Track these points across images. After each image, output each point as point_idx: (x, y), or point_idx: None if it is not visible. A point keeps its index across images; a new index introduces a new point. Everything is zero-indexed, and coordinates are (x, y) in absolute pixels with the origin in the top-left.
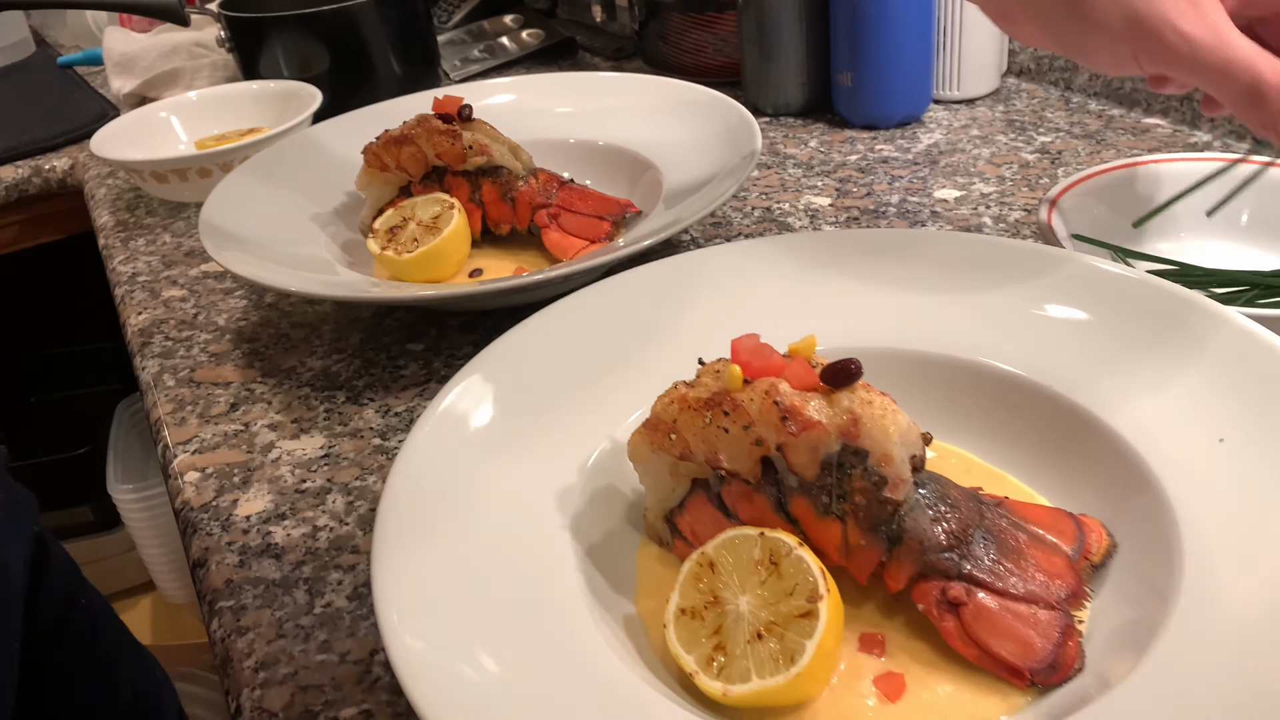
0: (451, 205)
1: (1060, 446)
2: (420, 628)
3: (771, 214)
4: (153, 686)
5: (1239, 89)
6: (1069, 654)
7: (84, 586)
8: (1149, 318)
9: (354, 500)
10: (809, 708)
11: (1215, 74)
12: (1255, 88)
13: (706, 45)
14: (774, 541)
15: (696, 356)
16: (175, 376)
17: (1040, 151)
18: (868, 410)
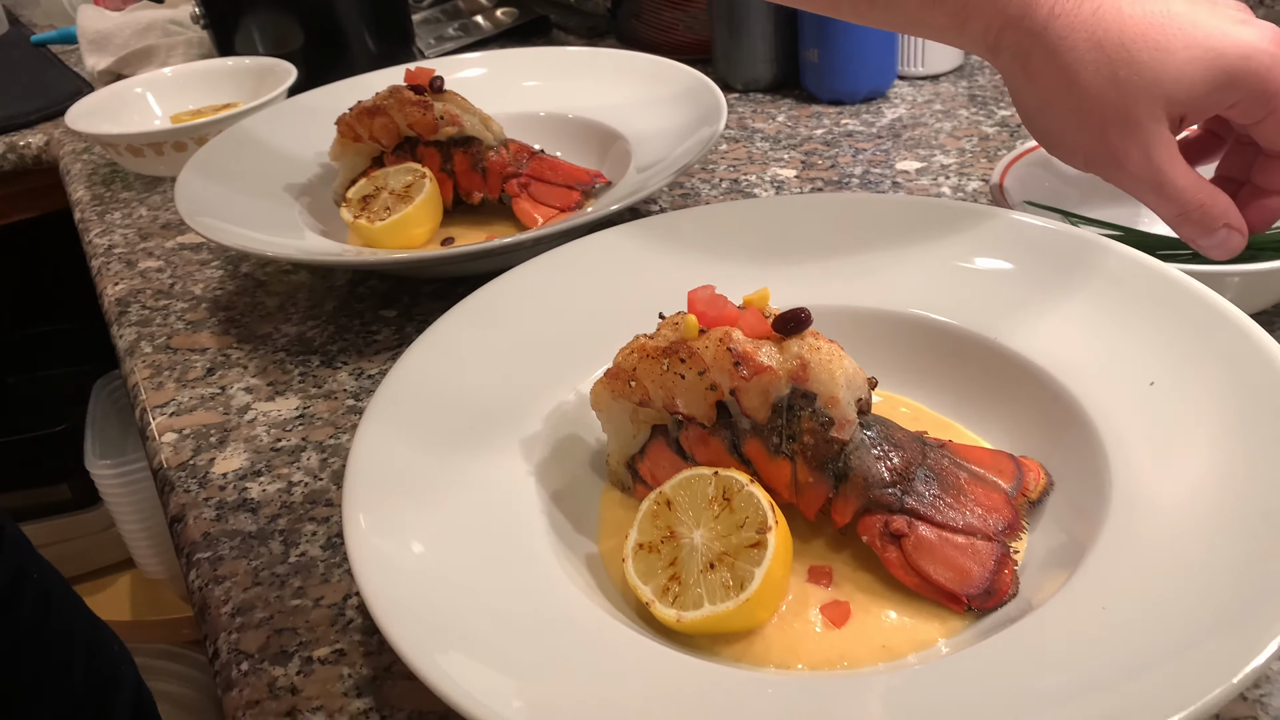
0: (423, 174)
1: (1002, 393)
2: (389, 561)
3: (739, 185)
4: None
5: (1170, 215)
6: (1004, 581)
7: (36, 562)
8: (1085, 270)
9: (328, 457)
10: (759, 633)
11: (1152, 201)
12: (1182, 214)
13: (678, 23)
14: (727, 479)
15: (658, 313)
16: (152, 344)
17: (1000, 125)
18: (816, 356)
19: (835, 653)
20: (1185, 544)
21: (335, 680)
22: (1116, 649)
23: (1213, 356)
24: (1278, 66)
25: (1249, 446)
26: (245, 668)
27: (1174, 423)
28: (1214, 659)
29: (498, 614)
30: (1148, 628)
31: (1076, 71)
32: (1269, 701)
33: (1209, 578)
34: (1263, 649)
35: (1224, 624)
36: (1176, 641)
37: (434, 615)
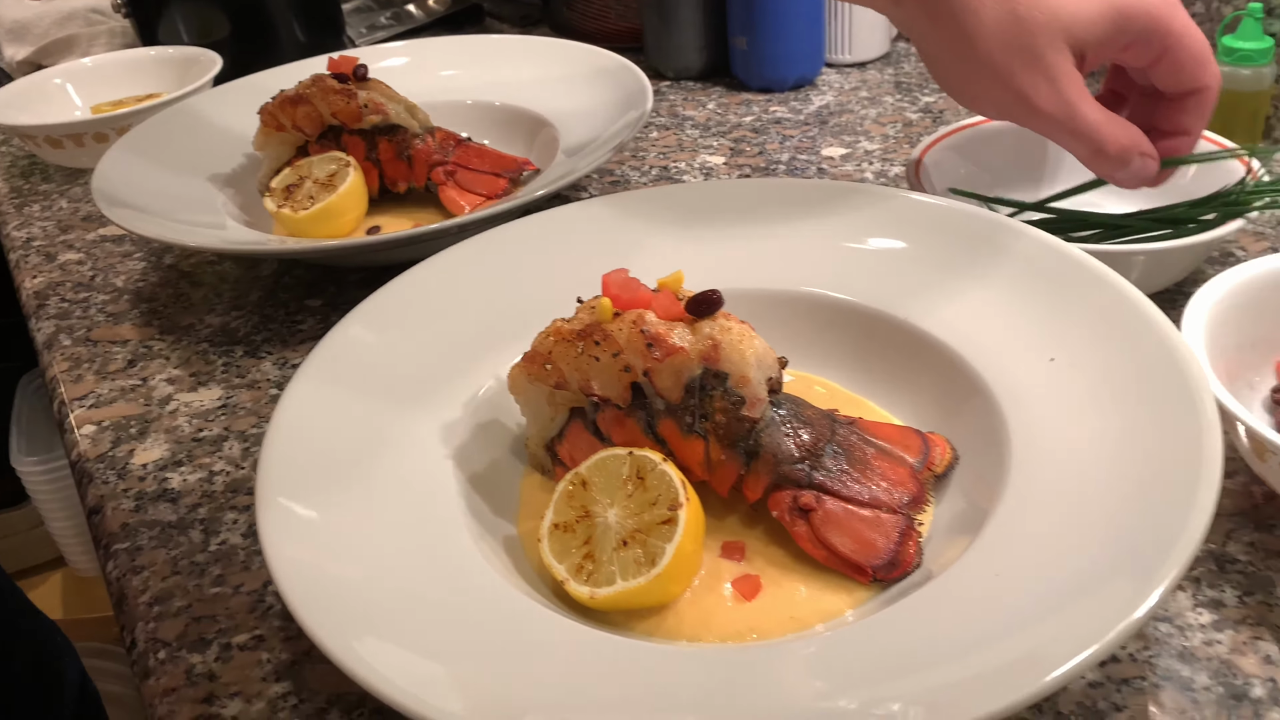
0: (347, 163)
1: (911, 371)
2: (303, 546)
3: (668, 172)
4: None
5: (1084, 152)
6: (908, 552)
7: None
8: (992, 251)
9: (250, 446)
10: (672, 608)
11: (1066, 140)
12: (1098, 150)
13: (609, 11)
14: (641, 459)
15: (576, 298)
16: (71, 336)
17: (924, 111)
18: (727, 336)
19: (745, 625)
20: (1078, 506)
21: (254, 665)
22: (1014, 604)
23: (1109, 333)
24: (1166, 3)
25: (1139, 417)
26: (163, 656)
27: (1071, 396)
28: (1108, 605)
29: (413, 597)
30: (1044, 582)
31: (978, 12)
32: (1156, 662)
33: (1100, 535)
34: (1151, 594)
35: (1116, 573)
36: (1073, 591)
37: (348, 600)
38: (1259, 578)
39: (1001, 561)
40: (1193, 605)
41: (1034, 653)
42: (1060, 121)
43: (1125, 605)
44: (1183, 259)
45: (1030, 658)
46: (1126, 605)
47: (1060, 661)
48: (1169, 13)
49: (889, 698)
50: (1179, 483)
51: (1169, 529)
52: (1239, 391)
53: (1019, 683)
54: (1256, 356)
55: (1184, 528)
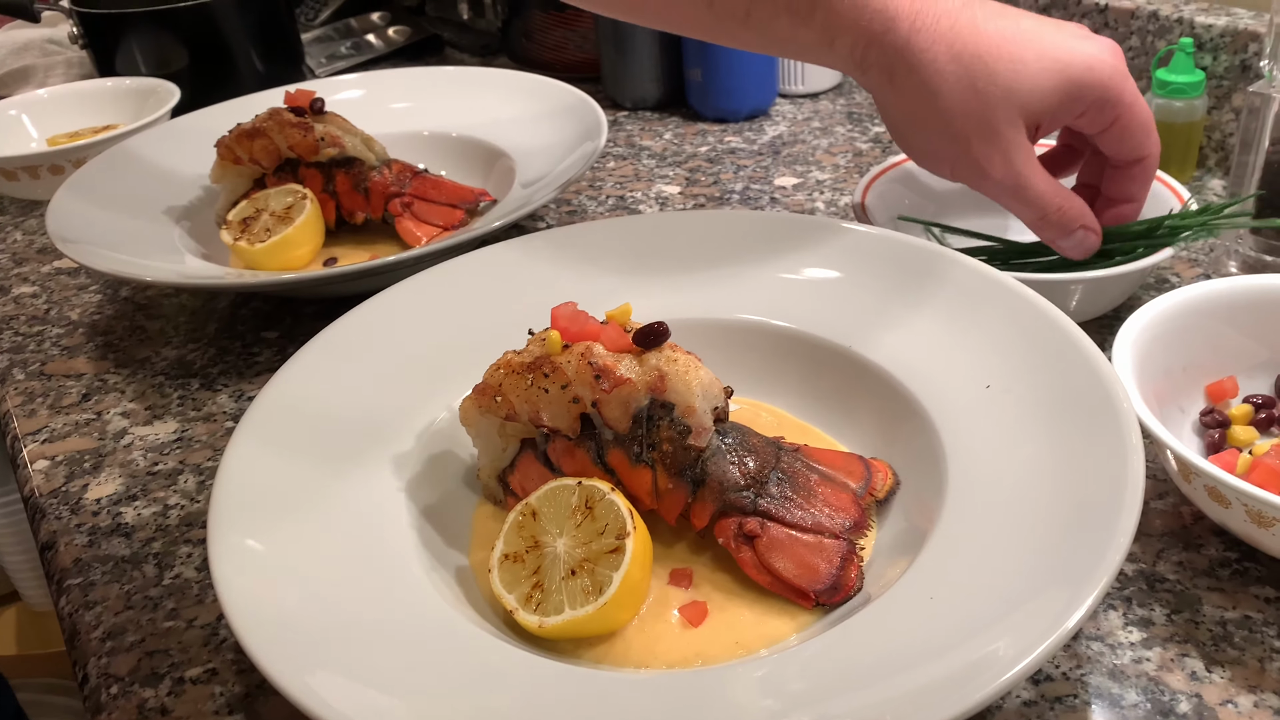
0: (304, 195)
1: (855, 398)
2: (252, 578)
3: (624, 202)
4: None
5: (1031, 218)
6: (849, 576)
7: None
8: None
9: (205, 480)
10: (620, 635)
11: (1015, 207)
12: (1043, 217)
13: (568, 42)
14: (590, 489)
15: (527, 330)
16: (25, 370)
17: (874, 141)
18: (673, 367)
19: (691, 651)
20: (1012, 525)
21: (207, 699)
22: (954, 620)
23: (1042, 360)
24: (1117, 75)
25: (1069, 442)
26: (115, 691)
27: (1005, 421)
28: (1043, 615)
29: (365, 630)
30: (981, 598)
31: (938, 84)
32: (1088, 680)
33: (1033, 551)
34: (1083, 602)
35: (1049, 585)
36: (1009, 604)
37: (300, 634)
38: (1187, 596)
39: (939, 581)
40: (1123, 624)
41: (975, 664)
42: (1011, 190)
43: (1059, 614)
44: (1118, 286)
45: (972, 668)
46: (1060, 614)
47: (1001, 671)
48: (1119, 84)
49: (836, 715)
50: (1105, 501)
51: (1097, 542)
52: (1170, 415)
53: (962, 693)
54: (1187, 381)
55: (1110, 540)
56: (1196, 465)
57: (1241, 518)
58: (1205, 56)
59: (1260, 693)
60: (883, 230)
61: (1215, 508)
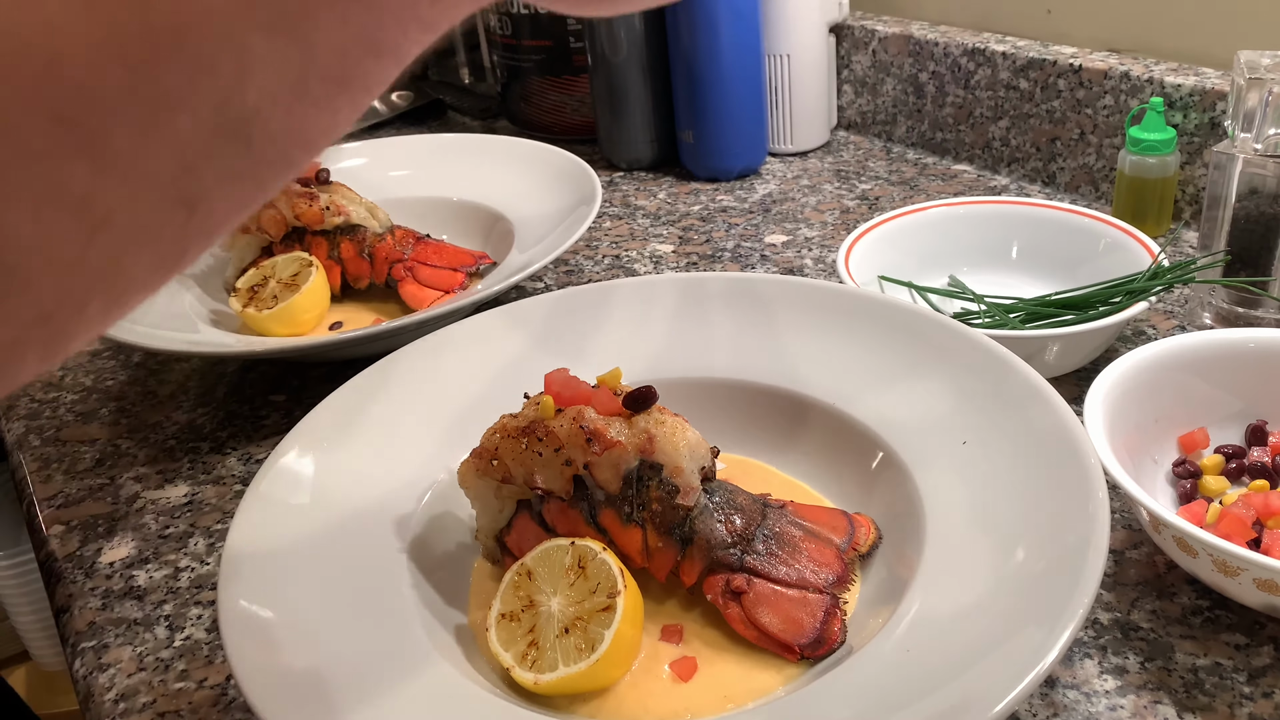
0: (310, 263)
1: (839, 454)
2: (260, 642)
3: (620, 261)
4: None
5: None
6: (832, 630)
7: None
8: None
9: (215, 542)
10: (613, 691)
11: None
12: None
13: (564, 105)
14: (582, 549)
15: (523, 394)
16: (41, 436)
17: (860, 198)
18: (661, 430)
19: (681, 705)
20: (986, 575)
21: None
22: (937, 663)
23: (1015, 417)
24: None
25: (1040, 494)
26: None
27: (981, 476)
28: (1022, 652)
29: (367, 690)
30: (962, 640)
31: None
32: None
33: (1007, 598)
34: (1054, 646)
35: (1021, 631)
36: (989, 645)
37: (306, 693)
38: (1160, 644)
39: (918, 630)
40: (1099, 672)
41: (956, 706)
42: None
43: (1034, 654)
44: (1094, 340)
45: (953, 711)
46: (1035, 654)
47: (982, 712)
48: None
49: None
50: (1075, 549)
51: (1067, 585)
52: (1143, 466)
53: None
54: (1159, 432)
55: (1078, 584)
56: (1164, 518)
57: (1209, 567)
58: (1176, 114)
59: None
60: (863, 290)
61: (1185, 558)
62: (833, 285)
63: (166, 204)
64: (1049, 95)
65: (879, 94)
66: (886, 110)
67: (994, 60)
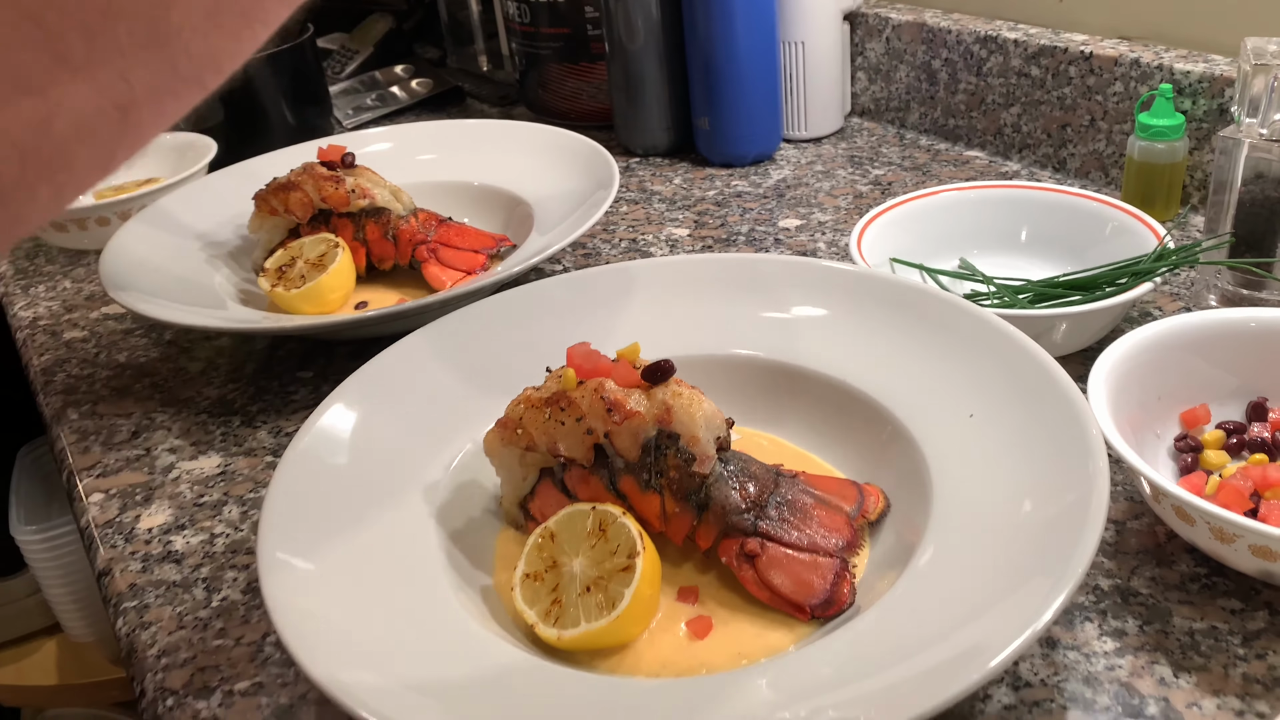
0: (336, 244)
1: (849, 427)
2: (296, 591)
3: (636, 245)
4: None
5: None
6: (842, 592)
7: None
8: (920, 318)
9: (248, 510)
10: (631, 648)
11: None
12: None
13: (582, 92)
14: (603, 513)
15: (545, 368)
16: (78, 410)
17: (874, 183)
18: (678, 401)
19: (697, 661)
20: (991, 538)
21: (254, 710)
22: (945, 616)
23: (1021, 391)
24: None
25: (1045, 464)
26: (170, 703)
27: (986, 447)
28: (1018, 613)
29: (395, 639)
30: (968, 596)
31: None
32: (1064, 686)
33: (1012, 557)
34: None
35: (1027, 583)
36: (995, 599)
37: (337, 640)
38: (1158, 609)
39: (925, 589)
40: (1098, 634)
41: (965, 653)
42: None
43: (1040, 605)
44: (1100, 320)
45: (967, 654)
46: (1041, 604)
47: (990, 656)
48: None
49: (833, 705)
50: (1076, 513)
51: (1069, 543)
52: (1145, 441)
53: (959, 676)
54: (1162, 409)
55: (1080, 539)
56: (1164, 487)
57: (1206, 535)
58: (1185, 101)
59: (1223, 696)
60: (874, 270)
61: (1183, 526)
62: (845, 265)
63: (106, 105)
64: (1060, 82)
65: (892, 81)
66: (900, 97)
67: (1006, 48)
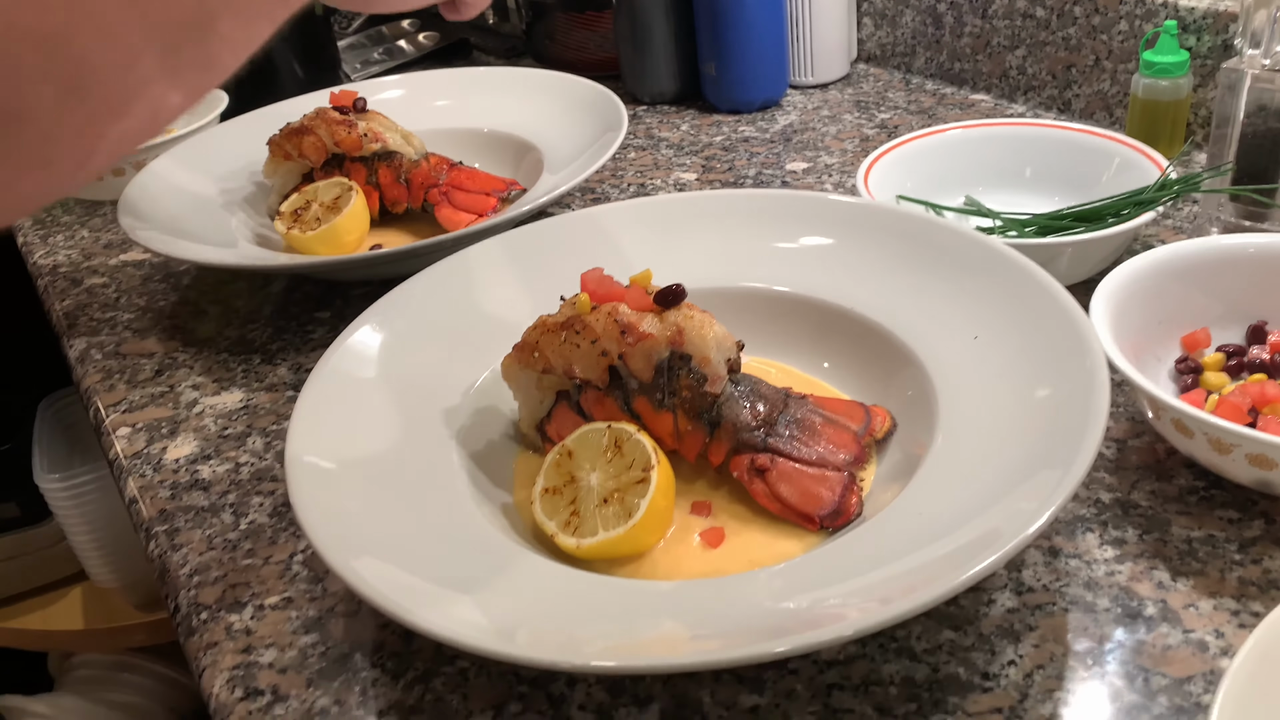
0: (350, 187)
1: (856, 352)
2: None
3: (644, 189)
4: None
5: None
6: (849, 503)
7: None
8: (925, 246)
9: (271, 440)
10: (647, 556)
11: None
12: None
13: (588, 42)
14: (618, 430)
15: (559, 297)
16: (102, 351)
17: (880, 127)
18: (690, 323)
19: (711, 567)
20: (997, 446)
21: (284, 622)
22: (949, 516)
23: (1025, 313)
24: None
25: (1048, 384)
26: (204, 616)
27: (992, 366)
28: (1039, 491)
29: (416, 538)
30: (976, 494)
31: None
32: (1066, 591)
33: (1014, 459)
34: (1074, 472)
35: (1041, 468)
36: (1002, 491)
37: (356, 531)
38: (1157, 519)
39: (933, 493)
40: (1099, 544)
41: (977, 540)
42: None
43: (1052, 491)
44: (1104, 249)
45: (973, 545)
46: (1055, 489)
47: (1002, 541)
48: None
49: (836, 594)
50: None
51: (1078, 437)
52: (1147, 364)
53: (964, 564)
54: (1163, 333)
55: (1085, 433)
56: (1164, 400)
57: (1205, 447)
58: (1189, 38)
59: (1219, 598)
60: (879, 202)
61: (1182, 439)
62: (847, 198)
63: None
64: (1065, 22)
65: (898, 26)
66: (905, 42)
67: None
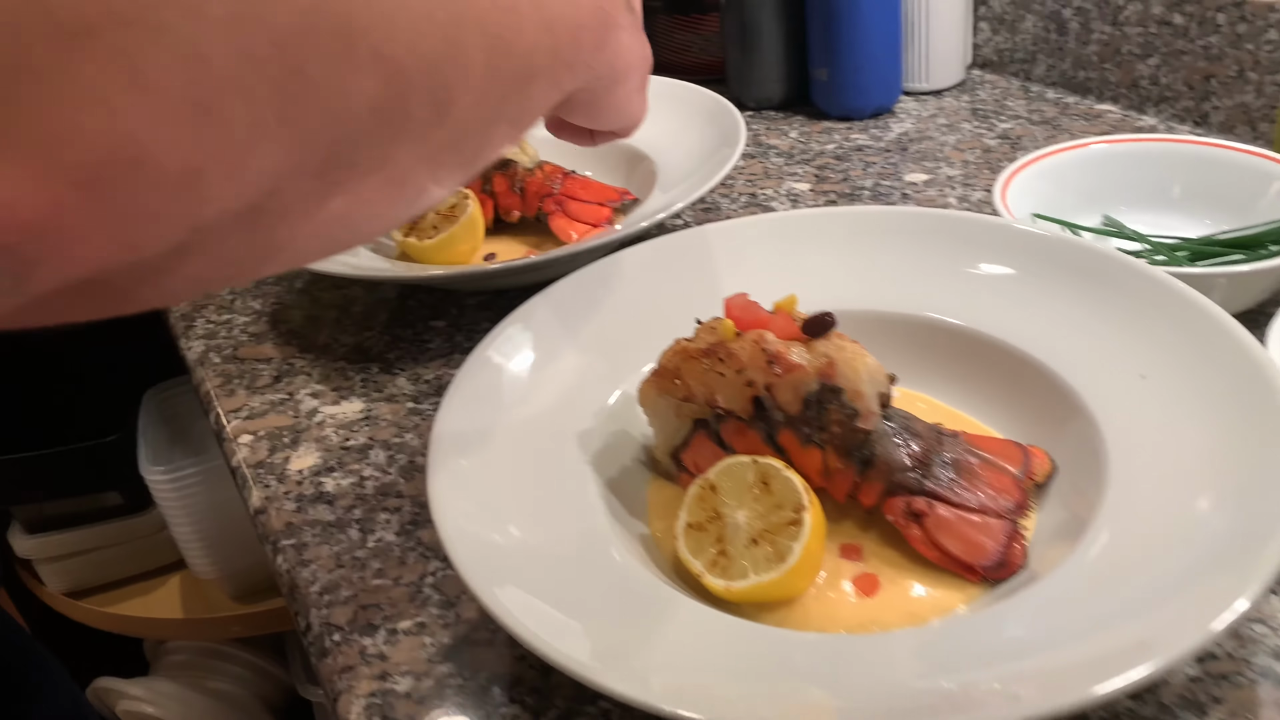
0: (466, 195)
1: (1010, 388)
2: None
3: (756, 199)
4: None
5: None
6: (1015, 554)
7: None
8: (1083, 274)
9: (394, 454)
10: (798, 603)
11: None
12: None
13: (691, 44)
14: (765, 466)
15: (694, 319)
16: (220, 354)
17: (1001, 137)
18: (841, 354)
19: (867, 618)
20: (1175, 513)
21: (419, 649)
22: (1120, 600)
23: (1197, 351)
24: None
25: (1229, 431)
26: (337, 638)
27: (1163, 411)
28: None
29: (558, 567)
30: (1147, 581)
31: None
32: (1252, 660)
33: (1197, 538)
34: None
35: (1215, 571)
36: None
37: (499, 559)
38: None
39: (1102, 563)
40: None
41: (1141, 642)
42: None
43: (1225, 599)
44: (1263, 281)
45: (1137, 646)
46: (1226, 598)
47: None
48: None
49: (990, 679)
50: (1267, 488)
51: (1263, 529)
52: None
53: (1124, 667)
54: None
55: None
56: None
57: None
58: None
59: None
60: (1027, 224)
61: None
62: (994, 220)
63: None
64: (1206, 30)
65: (1017, 31)
66: (1025, 48)
67: None
